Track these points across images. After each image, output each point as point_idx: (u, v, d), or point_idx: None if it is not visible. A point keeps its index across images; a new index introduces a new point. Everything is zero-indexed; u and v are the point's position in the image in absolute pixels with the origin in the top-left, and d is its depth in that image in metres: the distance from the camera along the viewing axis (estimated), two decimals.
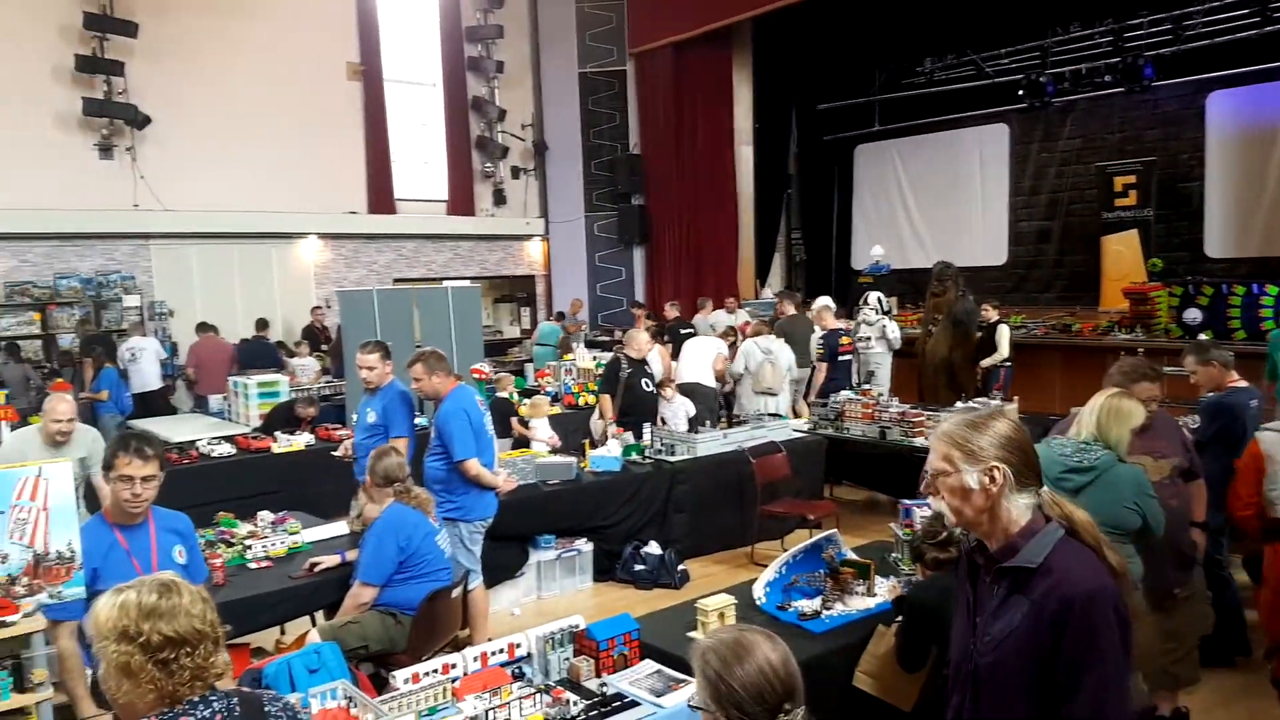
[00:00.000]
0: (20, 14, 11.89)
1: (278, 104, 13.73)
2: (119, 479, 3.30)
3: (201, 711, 1.76)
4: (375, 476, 4.55)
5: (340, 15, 14.50)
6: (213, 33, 13.20)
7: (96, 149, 12.48)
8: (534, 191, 16.86)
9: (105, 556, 3.26)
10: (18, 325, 11.88)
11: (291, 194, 13.84)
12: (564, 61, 16.25)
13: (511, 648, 3.49)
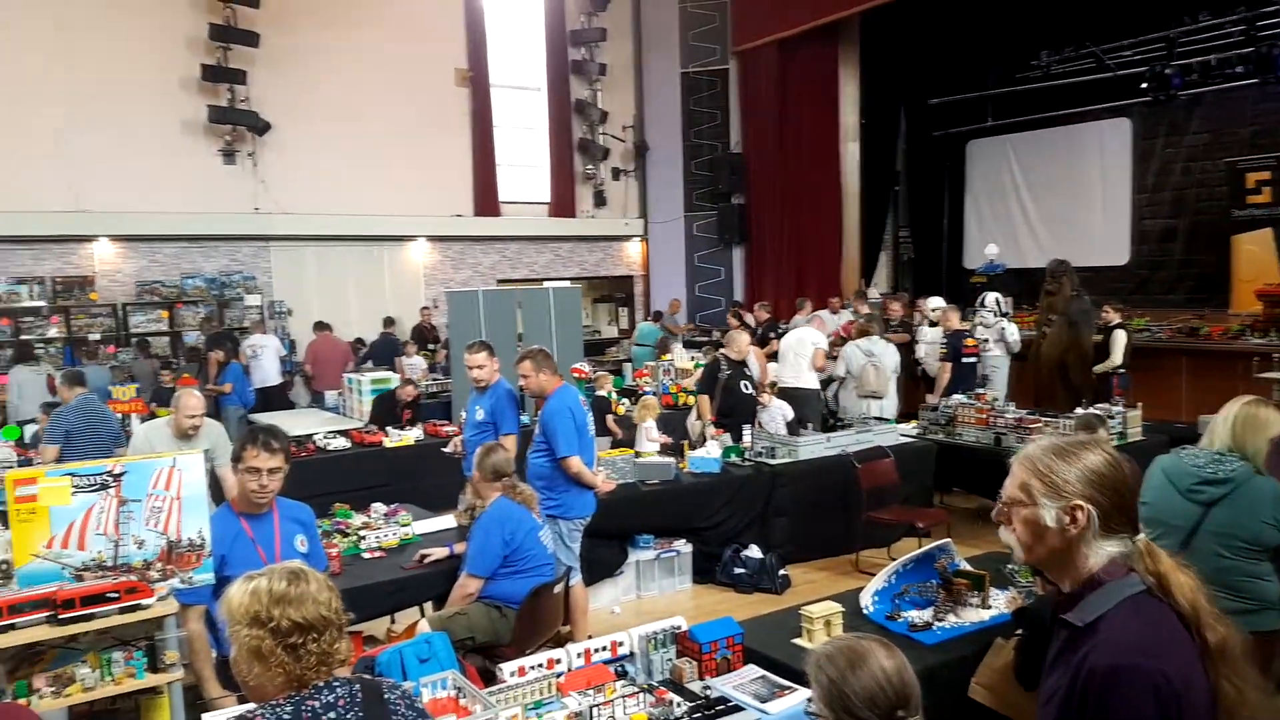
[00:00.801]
0: (151, 27, 12.61)
1: (389, 110, 14.18)
2: (247, 470, 3.45)
3: (326, 696, 1.81)
4: (483, 471, 4.64)
5: (449, 22, 14.88)
6: (328, 42, 13.73)
7: (220, 155, 13.13)
8: (633, 192, 16.94)
9: (232, 544, 3.42)
10: (147, 322, 12.61)
11: (402, 198, 14.29)
12: (666, 62, 16.27)
13: (614, 646, 3.49)
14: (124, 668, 2.74)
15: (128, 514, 2.89)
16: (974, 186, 16.87)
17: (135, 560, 2.91)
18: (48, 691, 2.64)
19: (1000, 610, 3.78)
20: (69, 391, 6.64)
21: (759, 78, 15.61)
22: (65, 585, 2.75)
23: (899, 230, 17.49)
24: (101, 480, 2.86)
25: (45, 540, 2.79)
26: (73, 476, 2.82)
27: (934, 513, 7.04)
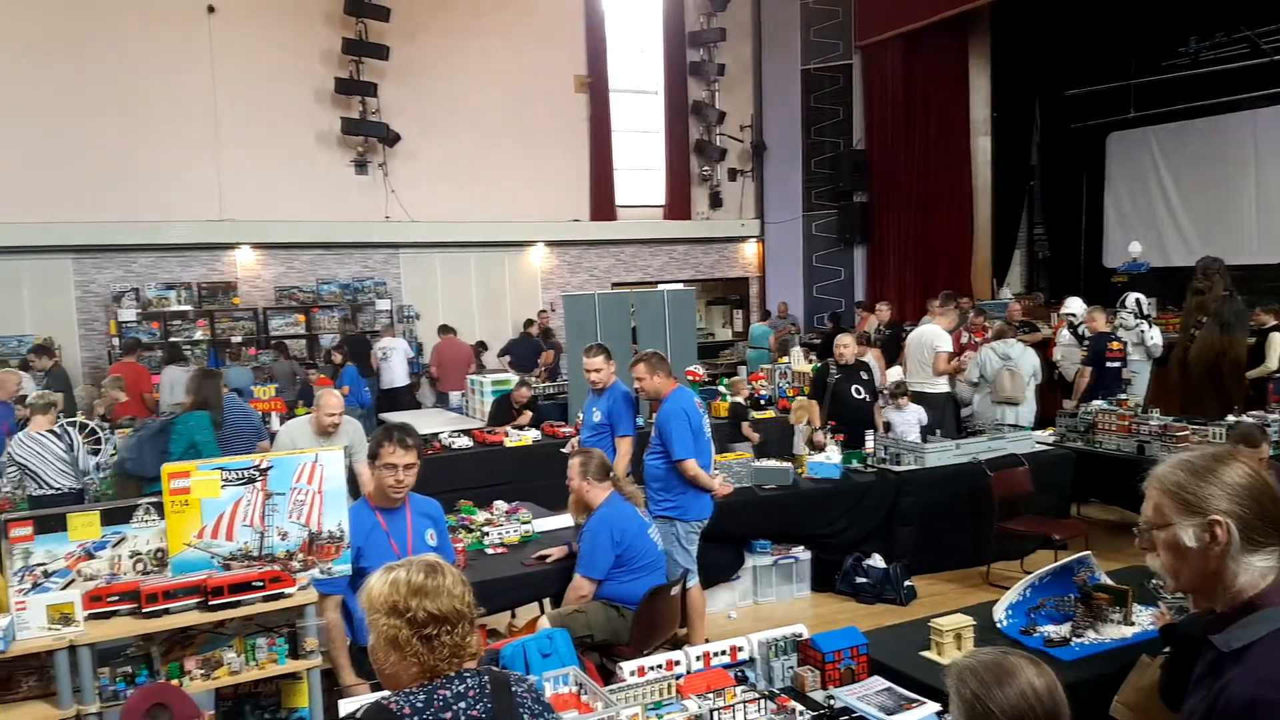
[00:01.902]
0: (289, 43, 13.32)
1: (510, 119, 14.54)
2: (384, 466, 3.60)
3: (456, 686, 1.85)
4: (592, 472, 4.67)
5: (570, 31, 15.14)
6: (454, 53, 14.18)
7: (353, 165, 13.75)
8: (750, 193, 16.81)
9: (367, 537, 3.56)
10: (285, 326, 13.30)
11: (521, 204, 14.63)
12: (786, 60, 16.08)
13: (734, 650, 3.45)
14: (267, 653, 2.89)
15: (273, 506, 3.05)
16: (1114, 181, 15.98)
17: (279, 551, 3.06)
18: (198, 673, 2.80)
19: (1144, 627, 3.62)
20: None
21: (883, 72, 15.26)
22: (215, 573, 2.92)
23: (1034, 228, 16.73)
24: (249, 474, 3.03)
25: (197, 530, 2.97)
26: (223, 470, 3.00)
27: (1071, 524, 6.70)
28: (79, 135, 12.09)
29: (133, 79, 12.35)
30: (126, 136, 12.32)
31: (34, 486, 6.16)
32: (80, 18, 12.10)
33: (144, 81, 12.41)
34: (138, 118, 12.38)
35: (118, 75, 12.28)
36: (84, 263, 12.53)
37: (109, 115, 12.23)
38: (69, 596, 2.71)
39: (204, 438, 5.79)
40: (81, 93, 12.10)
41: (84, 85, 12.12)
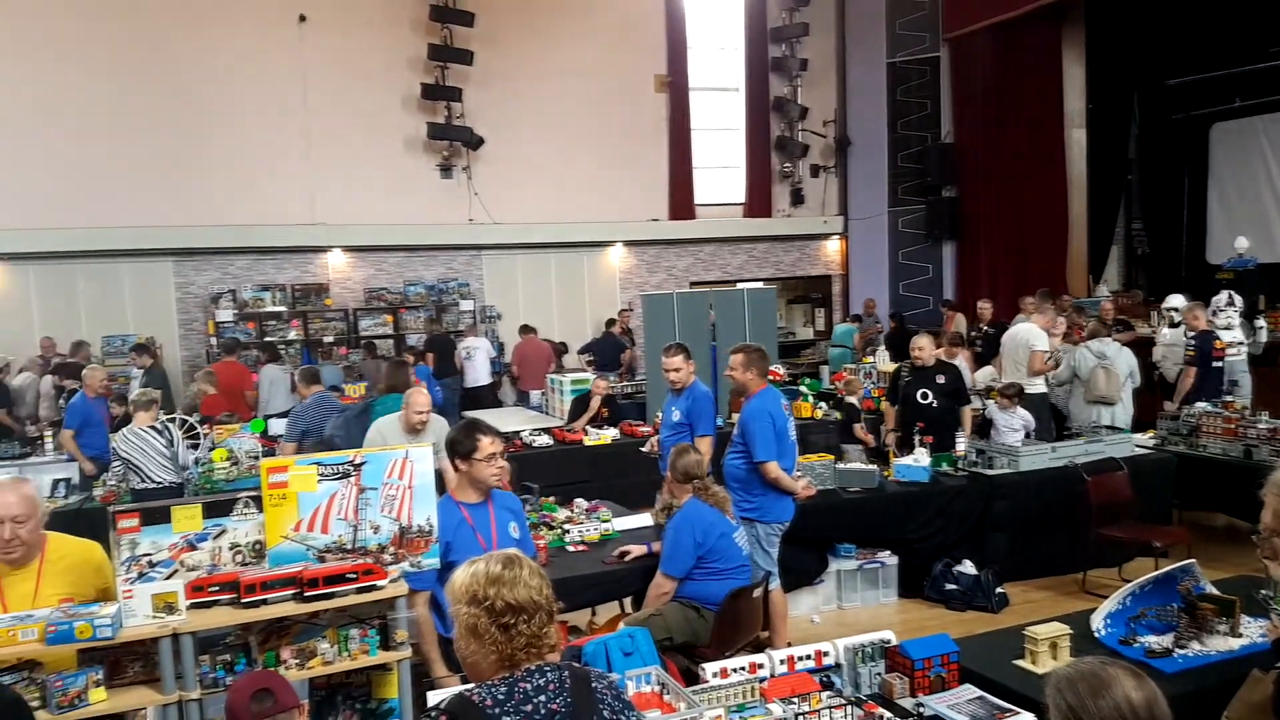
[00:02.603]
0: (378, 50, 13.68)
1: (591, 120, 14.66)
2: (485, 459, 3.70)
3: (537, 680, 1.89)
4: (675, 473, 4.69)
5: (651, 31, 15.17)
6: (535, 57, 14.36)
7: (438, 169, 14.05)
8: (833, 189, 16.57)
9: (455, 531, 3.65)
10: (374, 326, 13.66)
11: (601, 205, 14.73)
12: (871, 53, 15.80)
13: (819, 655, 3.41)
14: (359, 644, 2.96)
15: (365, 501, 3.13)
16: (1219, 174, 15.23)
17: (371, 544, 3.14)
18: (293, 662, 2.89)
19: (1254, 640, 3.47)
20: (306, 389, 7.26)
21: (973, 64, 14.87)
22: (310, 565, 3.00)
23: (1131, 223, 16.07)
24: (343, 469, 3.12)
25: (293, 523, 3.06)
26: (319, 465, 3.10)
27: (1174, 531, 6.42)
28: (178, 142, 12.64)
29: (228, 87, 12.87)
30: (223, 143, 12.84)
31: (136, 480, 6.46)
32: (177, 28, 12.66)
33: (239, 89, 12.92)
34: (234, 125, 12.89)
35: (214, 84, 12.80)
36: (184, 265, 13.10)
37: (207, 122, 12.77)
38: (173, 586, 2.81)
39: None
40: (180, 101, 12.65)
41: (182, 94, 12.67)
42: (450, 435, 3.90)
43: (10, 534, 2.87)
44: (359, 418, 6.47)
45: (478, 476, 3.75)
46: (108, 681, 2.74)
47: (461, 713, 1.83)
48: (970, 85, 14.99)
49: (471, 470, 3.75)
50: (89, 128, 12.29)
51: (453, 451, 3.80)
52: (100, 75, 12.33)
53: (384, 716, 3.11)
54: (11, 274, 12.34)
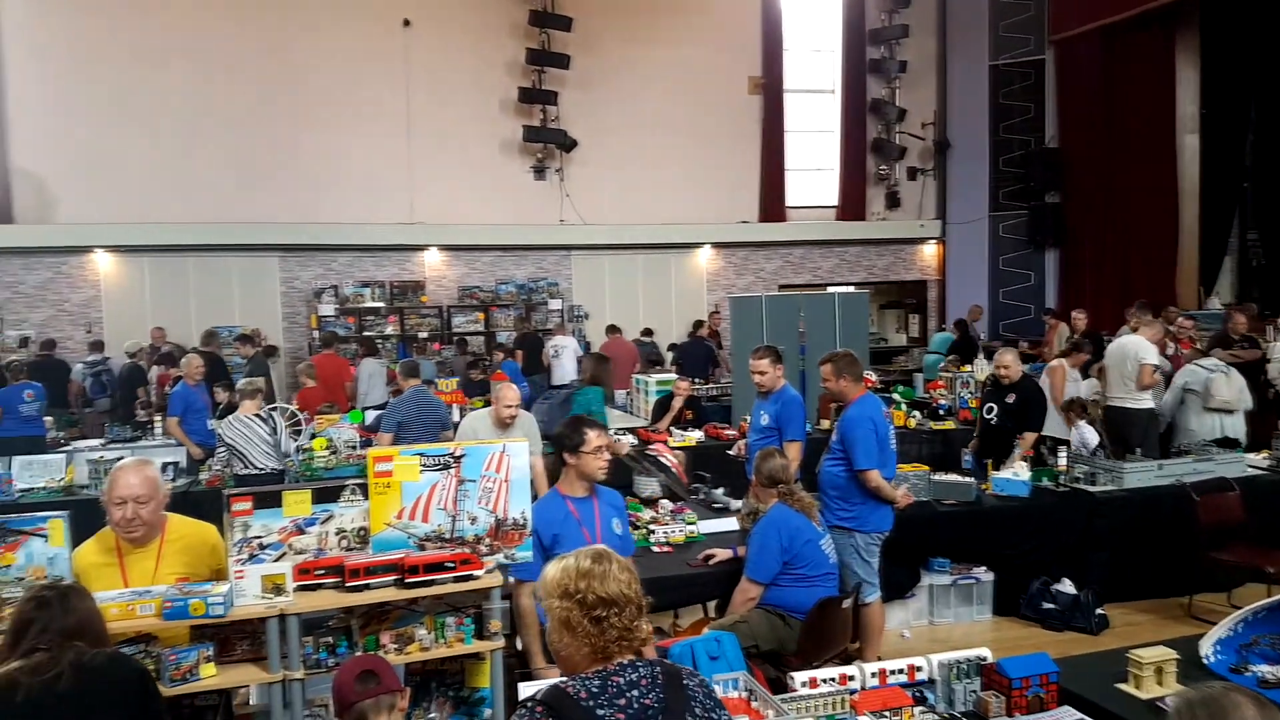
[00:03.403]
0: (477, 54, 13.99)
1: (682, 123, 14.70)
2: (593, 452, 3.77)
3: (630, 674, 1.90)
4: (760, 477, 4.66)
5: (746, 33, 15.13)
6: (630, 60, 14.48)
7: (532, 171, 14.28)
8: (931, 193, 16.23)
9: (562, 524, 3.72)
10: (466, 323, 13.96)
11: (691, 207, 14.75)
12: (973, 56, 15.44)
13: (912, 670, 3.34)
14: (455, 632, 3.02)
15: (464, 492, 3.22)
16: None
17: (468, 535, 3.22)
18: (392, 647, 2.97)
19: None
20: (406, 381, 7.44)
21: (1080, 67, 14.42)
22: (411, 553, 3.09)
23: (1246, 233, 15.20)
24: (444, 461, 3.22)
25: (396, 511, 3.17)
26: (421, 456, 3.20)
27: None
28: (285, 142, 13.19)
29: (335, 89, 13.35)
30: (329, 144, 13.32)
31: (240, 466, 6.71)
32: (288, 33, 13.21)
33: (345, 91, 13.38)
34: (339, 126, 13.36)
35: (322, 86, 13.30)
36: (289, 261, 13.62)
37: (314, 123, 13.27)
38: (281, 568, 2.93)
39: (598, 408, 6.91)
40: (289, 103, 13.20)
41: (291, 96, 13.21)
42: (558, 430, 3.95)
43: (132, 513, 3.01)
44: (561, 405, 6.99)
45: (585, 470, 3.81)
46: (217, 658, 2.85)
47: (557, 704, 1.85)
48: (1077, 88, 14.54)
49: (580, 463, 3.80)
50: (203, 127, 12.92)
51: (561, 445, 3.85)
52: (215, 78, 12.95)
53: (475, 705, 3.18)
54: (127, 266, 13.03)
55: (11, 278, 12.62)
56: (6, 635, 2.28)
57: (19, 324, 12.46)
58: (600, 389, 7.11)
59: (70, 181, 12.63)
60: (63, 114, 12.54)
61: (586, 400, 6.96)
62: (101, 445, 8.57)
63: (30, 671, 2.15)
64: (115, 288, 12.99)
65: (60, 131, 12.53)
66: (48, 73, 12.49)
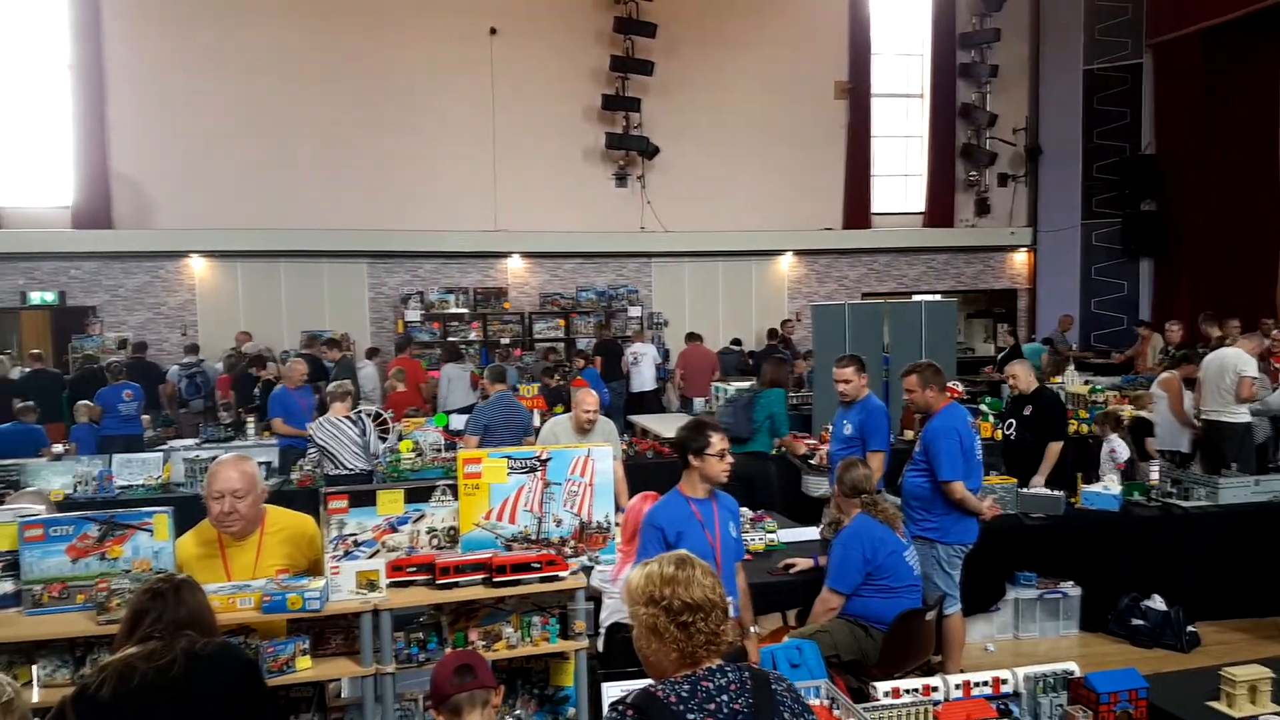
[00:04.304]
0: (562, 62, 14.19)
1: (765, 128, 14.65)
2: (716, 454, 3.82)
3: (719, 679, 1.94)
4: (842, 486, 4.62)
5: (833, 37, 15.00)
6: (714, 66, 14.49)
7: (613, 178, 14.40)
8: (1022, 199, 15.81)
9: (686, 523, 3.78)
10: (547, 329, 14.16)
11: (773, 213, 14.68)
12: (1067, 60, 14.98)
13: (996, 682, 3.31)
14: (540, 631, 3.10)
15: (550, 495, 3.31)
16: None
17: (553, 536, 3.31)
18: (480, 644, 3.05)
19: None
20: (492, 386, 7.60)
21: (1179, 71, 13.88)
22: (498, 553, 3.18)
23: None
24: (531, 464, 3.31)
25: (484, 512, 3.27)
26: (509, 459, 3.29)
27: None
28: (374, 150, 13.59)
29: (422, 98, 13.70)
30: (415, 152, 13.67)
31: (330, 466, 6.93)
32: (375, 42, 13.59)
33: (432, 100, 13.73)
34: (425, 134, 13.71)
35: (410, 95, 13.67)
36: (377, 267, 14.04)
37: (401, 132, 13.64)
38: (375, 565, 3.03)
39: (780, 410, 7.05)
40: (377, 111, 13.59)
41: (379, 104, 13.59)
42: (679, 434, 4.00)
43: (229, 507, 3.14)
44: (745, 408, 7.04)
45: (709, 473, 3.85)
46: (312, 651, 2.95)
47: (648, 707, 1.88)
48: (1176, 93, 14.00)
49: (704, 466, 3.84)
50: (295, 135, 13.39)
51: (684, 449, 3.89)
52: (307, 87, 13.41)
53: (559, 703, 3.24)
54: (222, 270, 13.59)
55: (112, 281, 13.26)
56: (123, 623, 2.41)
57: (118, 326, 13.06)
58: (781, 390, 7.20)
59: (168, 187, 13.17)
60: (161, 122, 13.08)
61: (770, 402, 7.03)
62: (196, 444, 8.96)
63: (145, 658, 2.26)
64: (210, 292, 13.56)
65: (158, 139, 13.07)
66: (147, 82, 13.04)
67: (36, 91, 13.04)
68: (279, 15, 13.33)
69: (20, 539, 2.92)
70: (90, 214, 12.86)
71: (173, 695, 2.24)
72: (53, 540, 2.92)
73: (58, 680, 2.79)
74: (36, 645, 2.82)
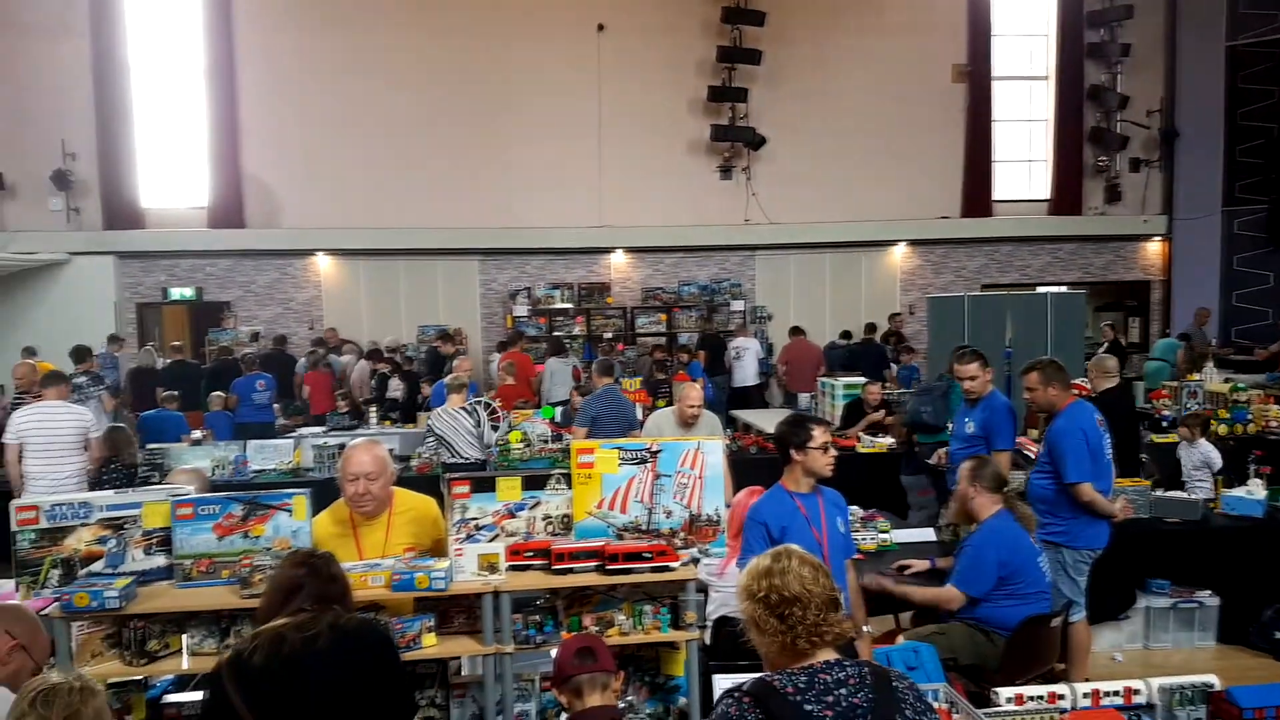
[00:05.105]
0: (668, 55, 14.21)
1: (877, 115, 14.32)
2: (819, 448, 3.81)
3: (837, 673, 1.93)
4: (984, 482, 4.39)
5: (950, 18, 14.57)
6: (825, 52, 14.27)
7: (718, 170, 14.33)
8: (1156, 186, 15.00)
9: (790, 518, 3.79)
10: (649, 324, 14.21)
11: (885, 202, 14.33)
12: (1207, 36, 14.16)
13: (1128, 693, 3.18)
14: (652, 620, 3.14)
15: (660, 487, 3.35)
16: None
17: (664, 528, 3.34)
18: (593, 630, 3.11)
19: None
20: (599, 380, 7.69)
21: None
22: (610, 542, 3.24)
23: None
24: (642, 455, 3.36)
25: (596, 502, 3.33)
26: (620, 450, 3.34)
27: None
28: (485, 149, 13.92)
29: (532, 97, 13.95)
30: (524, 150, 13.94)
31: (447, 455, 7.18)
32: (486, 45, 13.91)
33: (541, 99, 13.96)
34: (534, 133, 13.96)
35: (519, 94, 13.94)
36: (487, 264, 14.39)
37: (510, 131, 13.94)
38: (496, 548, 3.13)
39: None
40: (488, 112, 13.91)
41: (490, 105, 13.91)
42: (780, 428, 3.98)
43: (363, 489, 3.34)
44: (943, 397, 7.09)
45: (812, 466, 3.83)
46: (436, 629, 3.07)
47: (764, 696, 1.89)
48: None
49: (806, 460, 3.83)
50: (412, 136, 13.84)
51: (785, 443, 3.88)
52: (420, 90, 13.84)
53: (670, 693, 3.27)
54: (345, 267, 14.19)
55: (244, 278, 14.01)
56: (274, 594, 2.54)
57: (250, 320, 13.82)
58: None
59: (294, 189, 13.85)
60: (288, 126, 13.75)
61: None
62: (324, 432, 9.40)
63: (296, 628, 2.39)
64: (334, 288, 14.17)
65: (286, 142, 13.75)
66: (276, 88, 13.73)
67: (175, 98, 13.90)
68: (396, 20, 13.81)
69: (172, 517, 3.12)
70: (224, 214, 13.63)
71: (318, 665, 2.34)
72: (201, 519, 3.12)
73: (205, 649, 2.98)
74: (186, 616, 3.01)
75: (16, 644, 2.54)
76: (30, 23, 13.08)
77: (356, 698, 2.40)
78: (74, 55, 13.14)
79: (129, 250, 13.48)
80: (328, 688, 2.35)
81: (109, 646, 2.97)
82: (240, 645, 2.43)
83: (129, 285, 13.70)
